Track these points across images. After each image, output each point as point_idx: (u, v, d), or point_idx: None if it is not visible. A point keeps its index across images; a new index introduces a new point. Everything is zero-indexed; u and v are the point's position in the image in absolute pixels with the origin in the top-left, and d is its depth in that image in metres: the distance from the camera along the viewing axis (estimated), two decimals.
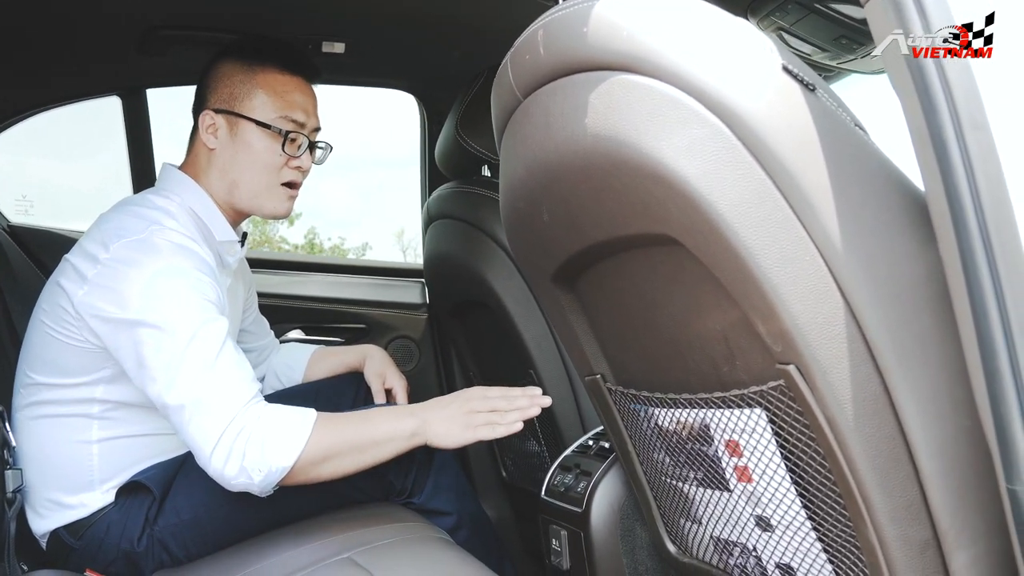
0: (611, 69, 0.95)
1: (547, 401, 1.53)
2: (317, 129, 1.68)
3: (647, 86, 0.92)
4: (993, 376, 0.77)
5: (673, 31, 0.92)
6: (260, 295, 2.05)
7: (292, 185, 1.65)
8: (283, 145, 1.60)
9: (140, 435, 1.53)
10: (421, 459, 1.63)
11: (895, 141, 0.92)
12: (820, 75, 2.05)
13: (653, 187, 0.92)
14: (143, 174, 2.51)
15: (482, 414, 1.48)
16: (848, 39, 1.87)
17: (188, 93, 1.74)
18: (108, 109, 2.46)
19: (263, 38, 1.70)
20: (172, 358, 1.37)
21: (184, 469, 1.53)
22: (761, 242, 0.88)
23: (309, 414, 1.42)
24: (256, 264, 2.61)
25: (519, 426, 1.50)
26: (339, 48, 2.30)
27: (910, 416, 0.88)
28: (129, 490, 1.52)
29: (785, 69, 0.90)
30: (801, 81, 0.90)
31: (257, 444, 1.36)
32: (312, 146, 1.67)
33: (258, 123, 1.59)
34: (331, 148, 1.73)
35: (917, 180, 0.86)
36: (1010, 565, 0.84)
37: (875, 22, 0.84)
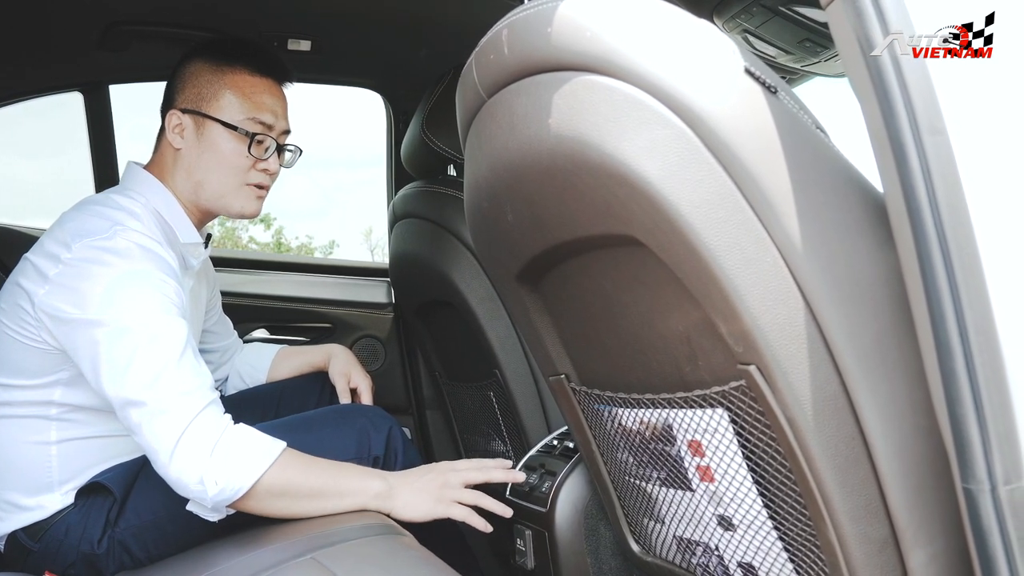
0: (575, 69, 0.95)
1: (520, 477, 1.56)
2: (286, 132, 1.66)
3: (610, 87, 0.92)
4: (949, 377, 0.78)
5: (636, 32, 0.93)
6: (224, 294, 2.03)
7: (260, 187, 1.64)
8: (249, 147, 1.58)
9: (100, 436, 1.51)
10: (386, 459, 1.62)
11: (857, 143, 0.93)
12: (784, 78, 2.08)
13: (616, 187, 0.93)
14: (105, 171, 2.48)
15: (455, 490, 1.47)
16: (812, 42, 1.89)
17: (152, 89, 1.72)
18: (70, 105, 2.44)
19: (234, 38, 1.67)
20: (131, 358, 1.35)
21: (145, 470, 1.51)
22: (722, 243, 0.88)
23: (278, 442, 1.41)
24: (221, 263, 2.59)
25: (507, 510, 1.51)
26: (305, 46, 2.29)
27: (869, 416, 0.89)
28: (89, 491, 1.50)
29: (748, 71, 0.90)
30: (763, 83, 0.90)
31: (221, 456, 1.35)
32: (280, 149, 1.65)
33: (225, 124, 1.57)
34: (300, 151, 1.72)
35: (877, 182, 0.87)
36: (966, 563, 0.85)
37: (835, 25, 0.85)
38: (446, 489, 1.48)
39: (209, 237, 1.73)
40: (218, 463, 1.34)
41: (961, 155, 0.78)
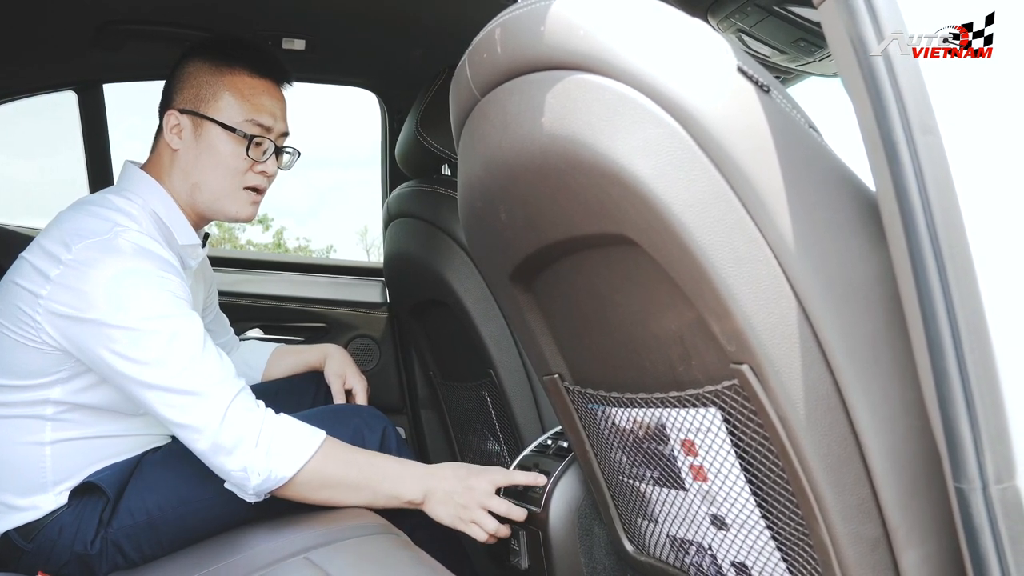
0: (568, 68, 0.95)
1: (542, 480, 1.56)
2: (285, 134, 1.65)
3: (603, 86, 0.92)
4: (941, 377, 0.78)
5: (630, 31, 0.93)
6: (220, 293, 2.03)
7: (257, 189, 1.64)
8: (247, 149, 1.58)
9: (94, 437, 1.51)
10: None
11: (851, 143, 0.93)
12: (778, 77, 2.08)
13: (609, 187, 0.93)
14: (100, 171, 2.48)
15: (477, 512, 1.50)
16: (807, 42, 1.88)
17: (147, 88, 1.72)
18: (65, 104, 2.44)
19: (233, 38, 1.66)
20: (156, 356, 1.38)
21: (139, 470, 1.51)
22: (715, 242, 0.88)
23: (319, 433, 1.46)
24: (217, 262, 2.58)
25: (504, 531, 1.53)
26: (299, 45, 2.29)
27: (861, 416, 0.89)
28: (82, 491, 1.50)
29: (740, 70, 0.90)
30: (756, 82, 0.90)
31: (265, 446, 1.40)
32: (279, 151, 1.65)
33: (223, 126, 1.57)
34: (299, 154, 1.71)
35: (870, 181, 0.87)
36: (958, 563, 0.85)
37: (828, 25, 0.85)
38: (470, 509, 1.50)
39: (207, 237, 1.73)
40: (263, 453, 1.39)
41: (953, 155, 0.78)
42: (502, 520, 1.52)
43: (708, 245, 0.88)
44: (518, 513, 1.53)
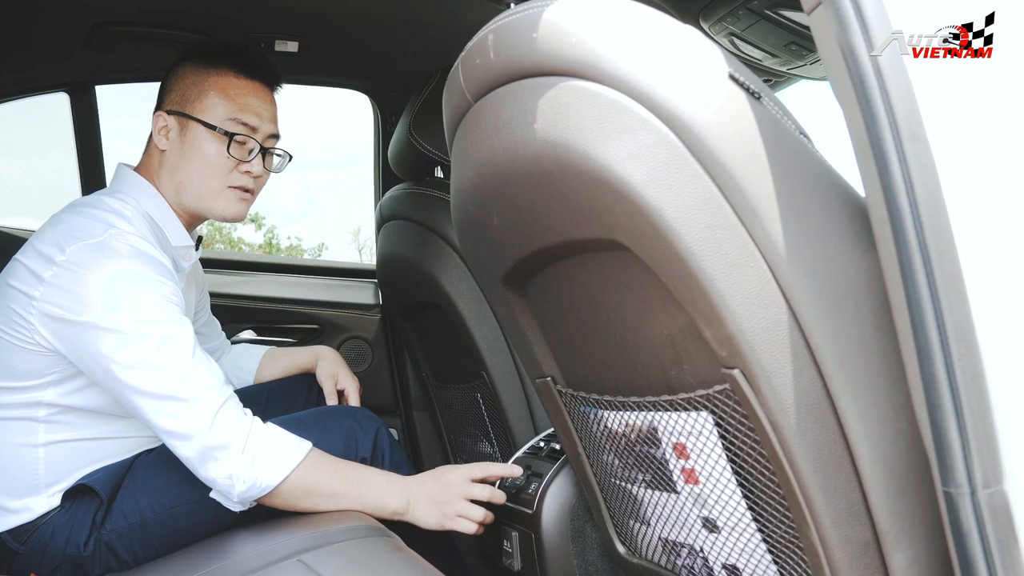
0: (560, 75, 0.96)
1: (518, 471, 1.58)
2: (274, 136, 1.65)
3: (595, 92, 0.92)
4: (930, 382, 0.79)
5: (622, 38, 0.93)
6: (212, 295, 2.03)
7: (244, 189, 1.63)
8: (228, 147, 1.58)
9: (87, 439, 1.51)
10: (373, 460, 1.62)
11: (842, 146, 0.94)
12: (770, 80, 2.09)
13: (601, 192, 0.93)
14: (92, 172, 2.47)
15: (460, 504, 1.51)
16: (798, 45, 1.89)
17: (140, 88, 1.72)
18: (58, 105, 2.43)
19: (223, 41, 1.67)
20: (146, 360, 1.38)
21: (132, 472, 1.51)
22: (707, 248, 0.89)
23: (304, 443, 1.47)
24: (208, 264, 2.58)
25: (490, 516, 1.54)
26: (292, 47, 2.29)
27: (851, 420, 0.90)
28: (76, 494, 1.49)
29: (732, 77, 0.91)
30: (747, 89, 0.91)
31: (251, 454, 1.41)
32: (266, 152, 1.65)
33: (205, 125, 1.57)
34: (290, 157, 1.71)
35: (859, 187, 0.88)
36: (947, 565, 0.86)
37: (818, 32, 0.86)
38: (452, 503, 1.51)
39: (200, 240, 1.73)
40: (249, 460, 1.40)
41: (941, 162, 0.79)
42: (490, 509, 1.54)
43: (699, 251, 0.89)
44: (500, 496, 1.54)
